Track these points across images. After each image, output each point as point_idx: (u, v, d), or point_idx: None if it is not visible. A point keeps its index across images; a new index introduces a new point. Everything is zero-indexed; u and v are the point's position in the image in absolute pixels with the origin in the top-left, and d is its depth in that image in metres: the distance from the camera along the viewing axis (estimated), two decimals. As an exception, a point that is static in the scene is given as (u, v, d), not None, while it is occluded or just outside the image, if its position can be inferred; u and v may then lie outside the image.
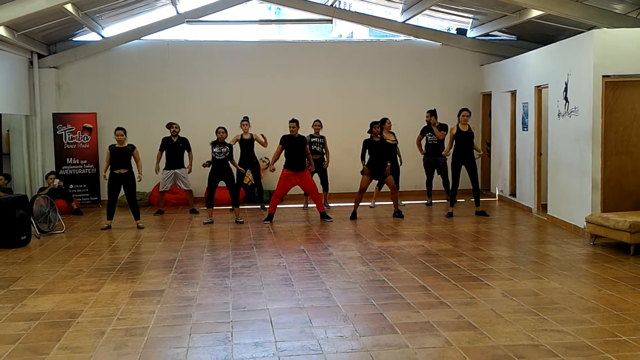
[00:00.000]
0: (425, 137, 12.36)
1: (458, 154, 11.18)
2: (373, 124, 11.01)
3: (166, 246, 9.14)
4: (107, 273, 7.49)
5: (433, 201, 12.75)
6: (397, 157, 12.17)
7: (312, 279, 7.06)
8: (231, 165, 11.08)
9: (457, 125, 11.17)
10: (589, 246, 8.59)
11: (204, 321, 5.63)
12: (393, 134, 12.16)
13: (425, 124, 12.33)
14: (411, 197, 13.26)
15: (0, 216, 9.01)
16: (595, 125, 9.09)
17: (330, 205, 12.32)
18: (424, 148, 12.44)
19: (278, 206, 11.34)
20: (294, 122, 10.96)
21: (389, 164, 11.15)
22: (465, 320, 5.50)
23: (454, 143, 11.26)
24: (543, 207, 11.13)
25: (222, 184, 11.15)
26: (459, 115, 11.21)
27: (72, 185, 12.97)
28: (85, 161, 13.16)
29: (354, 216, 11.14)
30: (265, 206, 12.16)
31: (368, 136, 11.06)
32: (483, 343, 4.95)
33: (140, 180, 10.79)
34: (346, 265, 7.68)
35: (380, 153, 11.02)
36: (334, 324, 5.49)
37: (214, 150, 10.83)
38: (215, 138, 10.94)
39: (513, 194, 12.63)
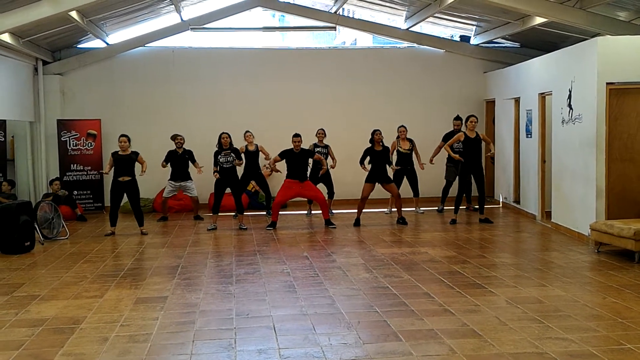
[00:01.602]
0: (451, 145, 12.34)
1: (466, 161, 11.07)
2: (374, 132, 11.04)
3: (170, 252, 9.14)
4: (111, 279, 7.49)
5: (445, 207, 12.71)
6: (413, 164, 12.17)
7: (316, 285, 7.04)
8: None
9: (465, 132, 11.12)
10: (594, 253, 8.56)
11: (208, 328, 5.62)
12: (410, 141, 12.13)
13: (452, 130, 12.39)
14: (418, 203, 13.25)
15: (4, 222, 9.03)
16: (599, 132, 9.08)
17: (333, 211, 12.32)
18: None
19: (281, 213, 11.34)
20: (298, 136, 10.95)
21: (396, 167, 11.33)
22: (469, 328, 5.48)
23: (462, 150, 11.19)
24: (547, 215, 11.11)
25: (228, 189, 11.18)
26: (466, 121, 11.17)
27: (76, 192, 13.00)
28: (90, 167, 13.19)
29: (357, 223, 11.13)
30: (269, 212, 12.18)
31: (371, 144, 11.11)
32: (487, 351, 4.94)
33: (142, 175, 10.63)
34: (350, 272, 7.67)
35: (381, 161, 11.05)
36: (337, 331, 5.48)
37: (220, 160, 10.81)
38: (215, 146, 10.96)
39: (517, 201, 12.61)
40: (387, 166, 11.26)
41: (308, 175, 11.28)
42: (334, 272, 7.69)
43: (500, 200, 13.49)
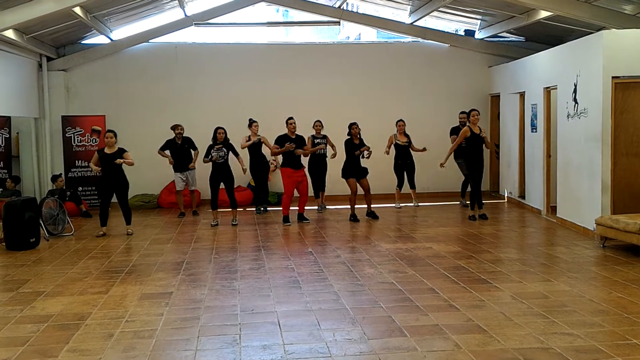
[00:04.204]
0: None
1: (470, 157, 10.99)
2: (351, 125, 11.03)
3: (174, 248, 9.15)
4: (116, 275, 7.50)
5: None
6: (412, 157, 12.44)
7: (320, 281, 7.04)
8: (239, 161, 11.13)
9: (469, 126, 11.01)
10: (599, 248, 8.53)
11: (212, 324, 5.62)
12: (407, 136, 12.25)
13: (457, 125, 12.43)
14: (422, 198, 13.22)
15: (9, 219, 9.05)
16: (604, 126, 9.04)
17: (327, 206, 12.38)
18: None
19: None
20: (292, 119, 11.21)
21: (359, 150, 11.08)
22: (474, 323, 5.47)
23: (466, 146, 11.09)
24: (552, 209, 11.07)
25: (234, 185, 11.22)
26: (468, 116, 11.10)
27: (80, 188, 13.01)
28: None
29: (355, 218, 11.08)
30: (265, 208, 12.36)
31: (350, 137, 11.14)
32: (492, 346, 4.93)
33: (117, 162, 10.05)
34: (354, 267, 7.66)
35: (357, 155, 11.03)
36: (342, 326, 5.47)
37: (213, 155, 10.79)
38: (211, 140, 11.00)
39: (522, 195, 12.58)
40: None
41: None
42: (338, 267, 7.68)
43: (505, 195, 13.45)
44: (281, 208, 11.23)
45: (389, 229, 10.34)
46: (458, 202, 12.82)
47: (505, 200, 13.37)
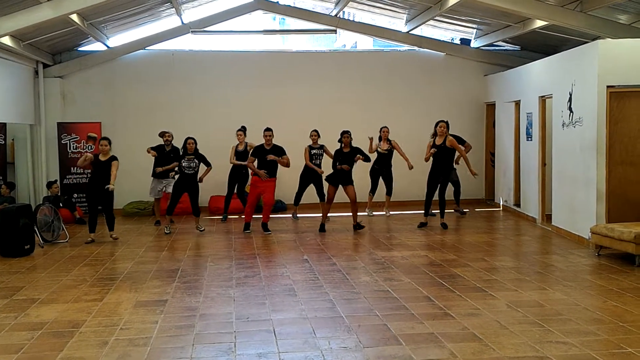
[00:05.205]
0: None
1: (435, 166, 10.95)
2: (343, 133, 10.87)
3: (169, 256, 9.13)
4: (111, 283, 7.48)
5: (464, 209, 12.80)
6: (391, 166, 12.31)
7: (316, 289, 7.03)
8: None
9: (435, 138, 10.93)
10: (594, 257, 8.55)
11: (207, 331, 5.61)
12: (390, 142, 12.20)
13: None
14: (415, 206, 13.22)
15: (4, 225, 9.01)
16: (599, 135, 9.07)
17: (299, 216, 12.35)
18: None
19: (282, 215, 11.29)
20: (270, 130, 10.90)
21: (346, 167, 10.80)
22: (469, 332, 5.47)
23: (434, 155, 10.95)
24: (547, 218, 11.09)
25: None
26: (435, 127, 10.96)
27: (75, 195, 12.98)
28: (90, 170, 13.11)
29: (322, 229, 10.89)
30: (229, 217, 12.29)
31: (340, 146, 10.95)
32: (488, 354, 4.92)
33: (110, 189, 9.99)
34: (350, 275, 7.66)
35: (345, 163, 10.79)
36: (337, 334, 5.47)
37: (183, 165, 10.76)
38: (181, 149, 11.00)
39: (517, 204, 12.60)
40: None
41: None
42: (334, 275, 7.67)
43: (501, 203, 13.48)
44: (255, 216, 11.14)
45: (385, 237, 10.34)
46: (453, 211, 12.79)
47: (501, 208, 13.40)
